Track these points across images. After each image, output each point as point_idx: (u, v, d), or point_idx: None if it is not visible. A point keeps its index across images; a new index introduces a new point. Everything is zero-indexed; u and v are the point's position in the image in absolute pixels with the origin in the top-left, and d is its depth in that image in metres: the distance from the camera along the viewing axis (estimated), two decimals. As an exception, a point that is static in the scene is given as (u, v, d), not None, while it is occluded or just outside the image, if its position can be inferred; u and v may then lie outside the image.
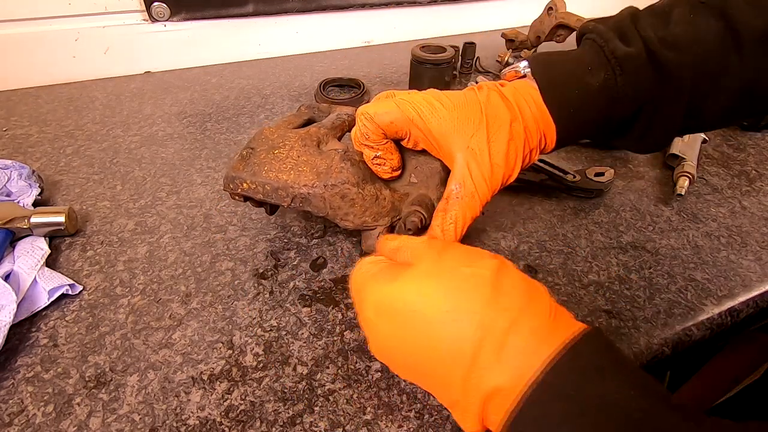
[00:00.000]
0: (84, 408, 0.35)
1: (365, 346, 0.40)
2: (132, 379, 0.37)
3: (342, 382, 0.37)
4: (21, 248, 0.45)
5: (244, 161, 0.41)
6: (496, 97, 0.37)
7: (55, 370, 0.37)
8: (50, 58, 0.75)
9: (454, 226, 0.37)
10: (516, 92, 0.38)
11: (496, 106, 0.37)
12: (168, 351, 0.39)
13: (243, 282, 0.45)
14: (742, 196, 0.59)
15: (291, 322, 0.41)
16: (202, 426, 0.34)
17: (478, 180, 0.36)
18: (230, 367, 0.38)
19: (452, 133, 0.36)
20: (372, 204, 0.40)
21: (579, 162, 0.64)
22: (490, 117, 0.36)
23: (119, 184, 0.56)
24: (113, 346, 0.39)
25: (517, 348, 0.24)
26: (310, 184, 0.39)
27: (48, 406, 0.35)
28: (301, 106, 0.51)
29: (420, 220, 0.39)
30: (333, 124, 0.44)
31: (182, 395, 0.36)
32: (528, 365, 0.24)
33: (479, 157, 0.36)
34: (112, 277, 0.45)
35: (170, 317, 0.41)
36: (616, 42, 0.36)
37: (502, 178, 0.37)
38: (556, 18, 0.81)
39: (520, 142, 0.37)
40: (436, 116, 0.36)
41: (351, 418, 0.35)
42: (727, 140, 0.71)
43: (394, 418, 0.35)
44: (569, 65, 0.37)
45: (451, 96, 0.38)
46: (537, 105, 0.37)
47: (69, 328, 0.40)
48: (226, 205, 0.53)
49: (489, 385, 0.24)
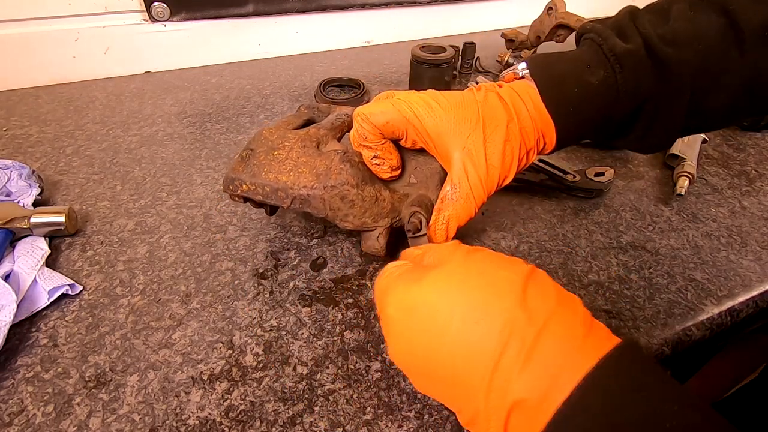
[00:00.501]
0: (84, 408, 0.35)
1: (365, 345, 0.39)
2: (132, 379, 0.37)
3: (342, 382, 0.37)
4: (21, 248, 0.45)
5: (244, 162, 0.41)
6: (493, 97, 0.37)
7: (55, 370, 0.37)
8: (50, 58, 0.75)
9: (445, 226, 0.37)
10: (513, 93, 0.37)
11: (493, 106, 0.37)
12: (168, 351, 0.38)
13: (243, 282, 0.45)
14: (742, 196, 0.59)
15: (291, 322, 0.41)
16: (202, 426, 0.34)
17: (474, 181, 0.36)
18: (230, 367, 0.38)
19: (448, 133, 0.36)
20: (372, 205, 0.40)
21: (579, 162, 0.64)
22: (486, 117, 0.36)
23: (119, 184, 0.56)
24: (113, 346, 0.39)
25: (546, 356, 0.22)
26: (310, 185, 0.39)
27: (48, 406, 0.35)
28: (301, 106, 0.51)
29: (419, 221, 0.39)
30: (332, 125, 0.44)
31: (182, 395, 0.36)
32: (559, 378, 0.21)
33: (475, 157, 0.36)
34: (112, 277, 0.45)
35: (170, 317, 0.41)
36: (614, 40, 0.36)
37: (498, 179, 0.37)
38: (556, 18, 0.81)
39: (517, 142, 0.37)
40: (432, 116, 0.36)
41: (351, 418, 0.35)
42: (727, 140, 0.71)
43: (394, 418, 0.35)
44: (568, 64, 0.37)
45: (448, 96, 0.38)
46: (535, 105, 0.37)
47: (69, 328, 0.40)
48: (226, 205, 0.53)
49: (514, 394, 0.22)
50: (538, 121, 0.37)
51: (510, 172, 0.37)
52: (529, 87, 0.37)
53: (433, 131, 0.37)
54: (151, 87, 0.78)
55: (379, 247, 0.41)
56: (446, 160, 0.38)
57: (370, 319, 0.42)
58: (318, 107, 0.51)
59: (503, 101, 0.37)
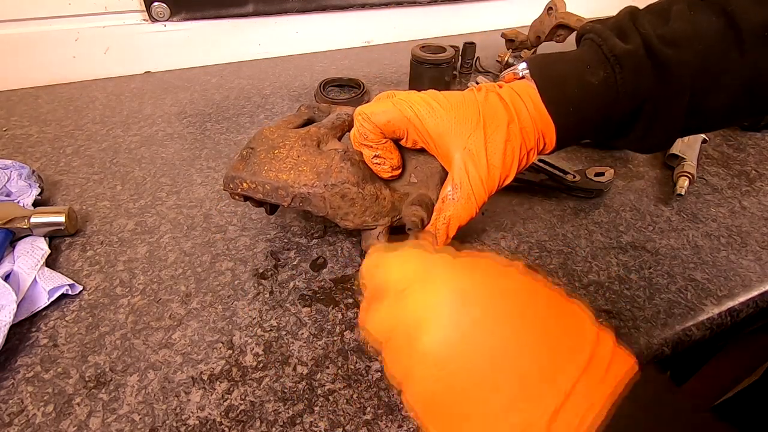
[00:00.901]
0: (84, 408, 0.35)
1: (365, 346, 0.39)
2: (132, 379, 0.37)
3: (342, 382, 0.37)
4: (21, 248, 0.45)
5: (244, 161, 0.41)
6: (494, 97, 0.37)
7: (55, 370, 0.37)
8: (50, 58, 0.75)
9: (446, 226, 0.37)
10: (513, 93, 0.37)
11: (493, 106, 0.37)
12: (168, 351, 0.38)
13: (243, 282, 0.44)
14: (742, 196, 0.59)
15: (291, 322, 0.41)
16: (202, 426, 0.34)
17: (475, 181, 0.36)
18: (230, 367, 0.37)
19: (449, 133, 0.36)
20: (372, 204, 0.40)
21: (579, 162, 0.64)
22: (487, 117, 0.36)
23: (119, 184, 0.56)
24: (113, 346, 0.39)
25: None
26: (310, 183, 0.39)
27: (48, 406, 0.35)
28: (301, 106, 0.51)
29: (420, 220, 0.39)
30: (333, 124, 0.45)
31: (182, 395, 0.36)
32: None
33: (476, 158, 0.36)
34: (111, 277, 0.45)
35: (170, 317, 0.41)
36: (614, 40, 0.36)
37: (499, 179, 0.37)
38: (556, 18, 0.81)
39: (517, 143, 0.37)
40: (433, 116, 0.36)
41: (351, 418, 0.35)
42: (727, 140, 0.71)
43: (394, 418, 0.35)
44: (568, 65, 0.37)
45: (449, 96, 0.38)
46: (535, 105, 0.37)
47: (69, 328, 0.40)
48: (226, 205, 0.53)
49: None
50: (538, 121, 0.37)
51: (511, 172, 0.37)
52: (529, 87, 0.37)
53: (434, 131, 0.37)
54: (151, 87, 0.78)
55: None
56: (447, 160, 0.38)
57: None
58: (318, 107, 0.51)
59: (504, 101, 0.37)
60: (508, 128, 0.36)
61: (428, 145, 0.38)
